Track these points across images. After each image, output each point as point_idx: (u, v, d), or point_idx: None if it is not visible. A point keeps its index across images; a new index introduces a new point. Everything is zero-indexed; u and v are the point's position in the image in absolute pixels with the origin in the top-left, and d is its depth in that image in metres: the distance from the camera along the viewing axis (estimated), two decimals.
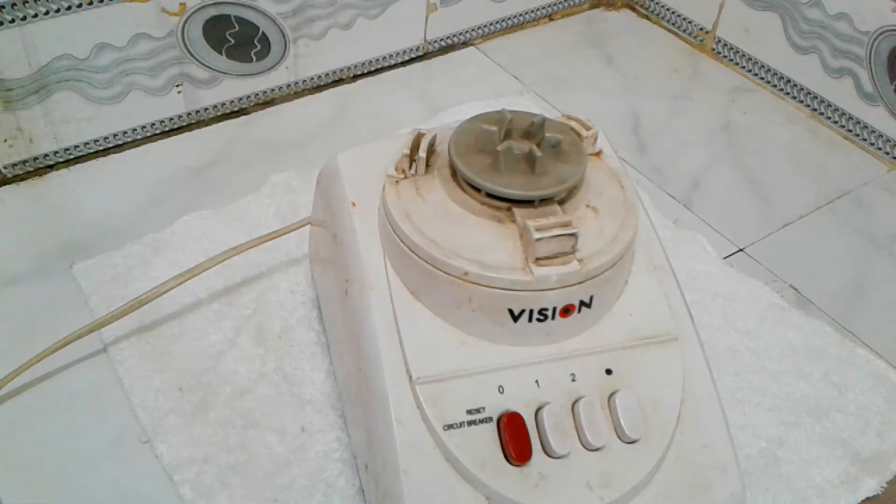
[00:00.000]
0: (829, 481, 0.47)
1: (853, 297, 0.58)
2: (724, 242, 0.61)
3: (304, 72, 0.70)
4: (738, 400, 0.50)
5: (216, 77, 0.65)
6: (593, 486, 0.38)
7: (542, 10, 0.81)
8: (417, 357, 0.39)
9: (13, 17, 0.54)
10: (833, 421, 0.50)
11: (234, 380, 0.49)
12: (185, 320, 0.52)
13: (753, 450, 0.48)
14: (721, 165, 0.68)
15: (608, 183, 0.43)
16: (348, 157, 0.46)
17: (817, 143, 0.71)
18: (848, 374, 0.53)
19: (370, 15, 0.70)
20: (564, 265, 0.39)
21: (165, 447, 0.46)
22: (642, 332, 0.42)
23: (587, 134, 0.44)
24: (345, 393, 0.47)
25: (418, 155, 0.42)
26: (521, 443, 0.38)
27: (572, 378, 0.40)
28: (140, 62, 0.61)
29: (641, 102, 0.74)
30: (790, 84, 0.74)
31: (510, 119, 0.42)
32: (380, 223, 0.43)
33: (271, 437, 0.47)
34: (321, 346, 0.51)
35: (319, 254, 0.51)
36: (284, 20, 0.65)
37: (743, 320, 0.55)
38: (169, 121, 0.65)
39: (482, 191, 0.40)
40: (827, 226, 0.64)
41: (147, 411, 0.47)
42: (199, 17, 0.62)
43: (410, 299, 0.41)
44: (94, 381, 0.49)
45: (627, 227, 0.41)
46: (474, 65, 0.76)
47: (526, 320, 0.40)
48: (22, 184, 0.61)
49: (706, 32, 0.80)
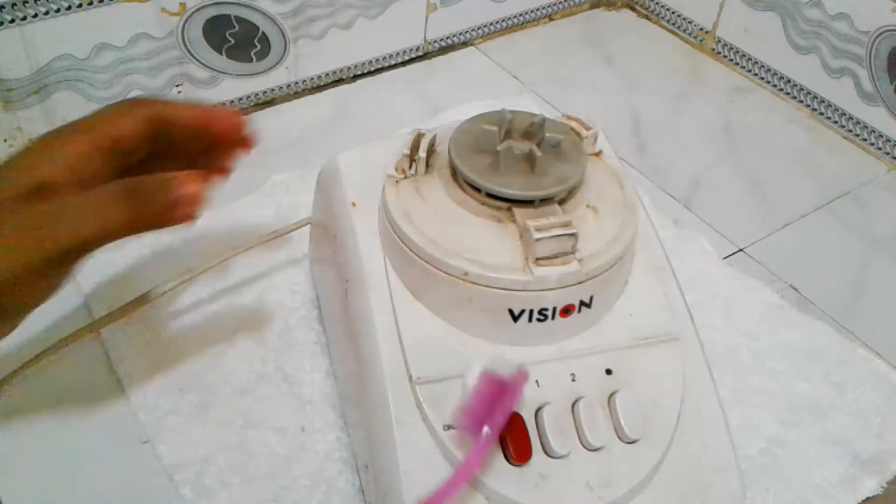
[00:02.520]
0: (829, 481, 0.47)
1: (853, 297, 0.58)
2: (724, 242, 0.61)
3: (304, 72, 0.70)
4: (738, 400, 0.50)
5: (216, 77, 0.65)
6: (593, 486, 0.38)
7: (542, 10, 0.81)
8: (417, 357, 0.39)
9: (13, 17, 0.54)
10: (833, 421, 0.50)
11: (234, 380, 0.49)
12: (185, 320, 0.52)
13: (753, 450, 0.48)
14: (721, 165, 0.68)
15: (608, 183, 0.43)
16: (348, 157, 0.46)
17: (817, 143, 0.71)
18: (848, 374, 0.53)
19: (370, 15, 0.70)
20: (564, 265, 0.39)
21: (165, 447, 0.46)
22: (642, 332, 0.42)
23: (587, 134, 0.44)
24: (345, 393, 0.47)
25: (418, 155, 0.42)
26: (521, 443, 0.38)
27: (572, 378, 0.40)
28: (140, 62, 0.61)
29: (641, 102, 0.74)
30: (790, 84, 0.74)
31: (510, 119, 0.42)
32: (380, 223, 0.43)
33: (271, 437, 0.47)
34: (321, 346, 0.51)
35: (319, 254, 0.51)
36: (284, 20, 0.65)
37: (743, 320, 0.55)
38: None
39: (482, 191, 0.40)
40: (827, 226, 0.64)
41: (147, 411, 0.47)
42: (199, 17, 0.62)
43: (410, 299, 0.41)
44: (94, 381, 0.49)
45: (627, 228, 0.41)
46: (474, 65, 0.76)
47: (526, 320, 0.40)
48: None
49: (706, 32, 0.80)
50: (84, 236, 0.35)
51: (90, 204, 0.36)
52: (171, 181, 0.36)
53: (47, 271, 0.36)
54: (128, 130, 0.38)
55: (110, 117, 0.39)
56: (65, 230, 0.35)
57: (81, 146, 0.37)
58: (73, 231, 0.35)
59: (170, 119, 0.39)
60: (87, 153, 0.37)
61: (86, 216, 0.35)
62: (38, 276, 0.35)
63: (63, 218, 0.35)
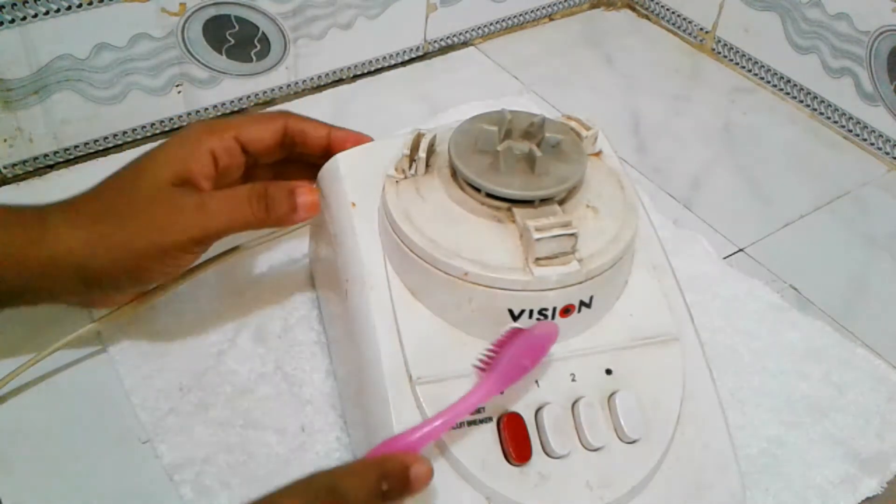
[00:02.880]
0: (829, 481, 0.47)
1: (853, 297, 0.58)
2: (724, 242, 0.61)
3: (304, 72, 0.70)
4: (738, 400, 0.50)
5: (216, 77, 0.65)
6: (593, 486, 0.38)
7: (542, 10, 0.81)
8: (417, 357, 0.39)
9: (13, 17, 0.54)
10: (833, 421, 0.50)
11: (234, 380, 0.49)
12: (185, 320, 0.52)
13: (753, 450, 0.48)
14: (721, 165, 0.68)
15: (608, 183, 0.43)
16: (348, 157, 0.46)
17: (817, 143, 0.71)
18: (848, 374, 0.53)
19: (370, 15, 0.70)
20: (564, 265, 0.39)
21: (165, 447, 0.46)
22: (642, 332, 0.42)
23: (587, 134, 0.44)
24: (345, 393, 0.47)
25: (418, 155, 0.42)
26: (521, 443, 0.38)
27: (572, 378, 0.40)
28: (140, 62, 0.61)
29: (641, 102, 0.74)
30: (790, 84, 0.74)
31: (510, 119, 0.42)
32: (380, 223, 0.43)
33: (271, 437, 0.47)
34: (321, 346, 0.51)
35: (319, 254, 0.51)
36: (284, 20, 0.65)
37: (743, 320, 0.55)
38: (169, 121, 0.65)
39: (482, 191, 0.40)
40: (827, 226, 0.64)
41: (147, 411, 0.47)
42: (199, 17, 0.62)
43: (410, 299, 0.41)
44: (94, 381, 0.49)
45: (627, 228, 0.41)
46: (474, 65, 0.76)
47: (526, 320, 0.40)
48: (22, 184, 0.61)
49: (706, 32, 0.80)
50: (217, 227, 0.43)
51: (227, 200, 0.43)
52: (296, 190, 0.44)
53: (177, 253, 0.43)
54: (268, 137, 0.46)
55: (254, 122, 0.46)
56: (205, 220, 0.42)
57: (227, 143, 0.45)
58: (211, 221, 0.43)
59: (303, 133, 0.47)
60: (229, 150, 0.45)
61: (223, 210, 0.43)
62: (169, 256, 0.43)
63: (205, 209, 0.43)
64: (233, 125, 0.46)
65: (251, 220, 0.44)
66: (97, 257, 0.42)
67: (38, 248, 0.42)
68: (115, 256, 0.42)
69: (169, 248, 0.42)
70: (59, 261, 0.43)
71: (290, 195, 0.44)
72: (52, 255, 0.42)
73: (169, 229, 0.42)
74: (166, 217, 0.42)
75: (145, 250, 0.42)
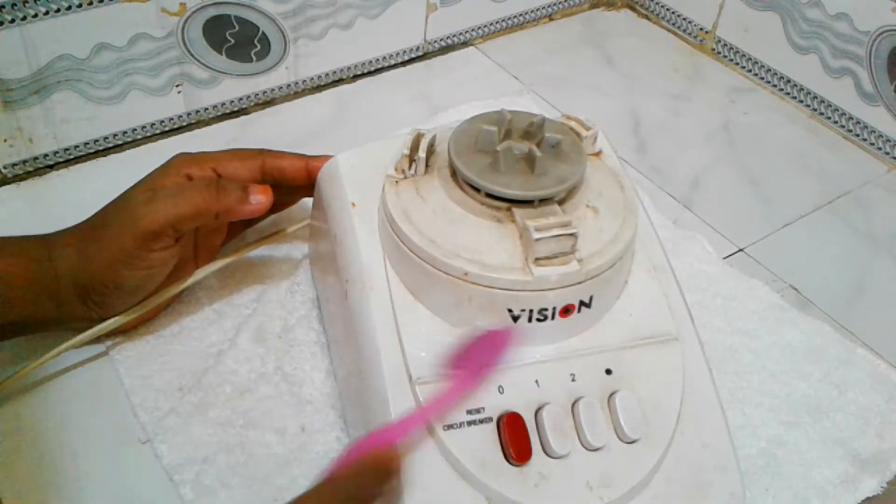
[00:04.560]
0: (829, 481, 0.47)
1: (853, 297, 0.58)
2: (724, 242, 0.61)
3: (304, 72, 0.70)
4: (738, 400, 0.50)
5: (216, 77, 0.65)
6: (593, 486, 0.38)
7: (542, 10, 0.81)
8: (417, 357, 0.39)
9: (13, 17, 0.54)
10: (833, 421, 0.50)
11: (234, 380, 0.49)
12: (185, 320, 0.52)
13: (753, 450, 0.48)
14: (721, 165, 0.68)
15: (608, 183, 0.43)
16: (348, 157, 0.46)
17: (817, 143, 0.71)
18: (848, 374, 0.53)
19: (370, 15, 0.70)
20: (564, 265, 0.39)
21: (165, 447, 0.46)
22: (642, 332, 0.42)
23: (587, 134, 0.44)
24: (345, 393, 0.47)
25: (418, 155, 0.42)
26: (521, 443, 0.38)
27: (572, 378, 0.40)
28: (140, 62, 0.61)
29: (641, 102, 0.74)
30: (790, 84, 0.74)
31: (510, 119, 0.42)
32: (379, 223, 0.43)
33: (271, 437, 0.47)
34: (321, 346, 0.51)
35: (319, 254, 0.51)
36: (284, 20, 0.65)
37: (743, 320, 0.55)
38: (169, 121, 0.65)
39: (482, 191, 0.40)
40: (827, 226, 0.64)
41: (147, 411, 0.47)
42: (199, 17, 0.62)
43: (410, 299, 0.41)
44: (94, 382, 0.49)
45: (627, 228, 0.41)
46: (474, 65, 0.76)
47: (526, 320, 0.40)
48: (22, 184, 0.61)
49: (706, 32, 0.80)
50: (166, 215, 0.45)
51: (178, 189, 0.46)
52: (247, 186, 0.47)
53: (137, 252, 0.45)
54: (245, 175, 0.49)
55: (232, 158, 0.49)
56: (152, 210, 0.45)
57: (205, 171, 0.48)
58: (159, 210, 0.45)
59: (281, 170, 0.50)
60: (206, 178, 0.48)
61: (171, 198, 0.46)
62: (132, 256, 0.45)
63: (154, 200, 0.46)
64: (211, 157, 0.49)
65: (200, 205, 0.46)
66: (84, 270, 0.46)
67: (44, 268, 0.46)
68: (94, 267, 0.45)
69: (128, 246, 0.45)
70: (61, 278, 0.46)
71: (243, 189, 0.47)
72: (55, 274, 0.46)
73: (125, 228, 0.45)
74: (123, 217, 0.46)
75: (113, 255, 0.45)
